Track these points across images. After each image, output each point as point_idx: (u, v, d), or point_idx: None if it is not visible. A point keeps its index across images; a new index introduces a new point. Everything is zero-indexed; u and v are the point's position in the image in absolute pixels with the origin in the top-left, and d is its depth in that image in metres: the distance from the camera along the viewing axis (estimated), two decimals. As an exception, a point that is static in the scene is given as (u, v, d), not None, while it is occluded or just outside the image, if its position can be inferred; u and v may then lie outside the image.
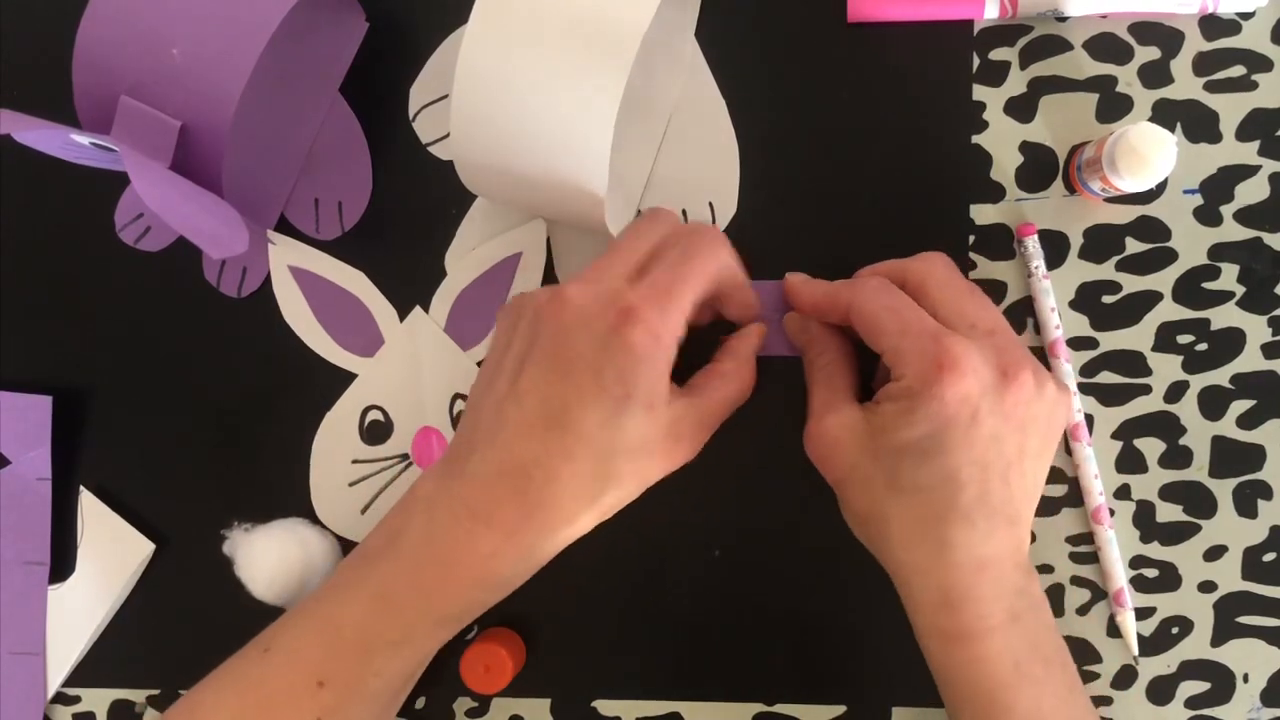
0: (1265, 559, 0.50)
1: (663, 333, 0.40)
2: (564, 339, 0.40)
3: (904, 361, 0.41)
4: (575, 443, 0.40)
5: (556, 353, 0.41)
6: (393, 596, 0.42)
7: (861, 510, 0.43)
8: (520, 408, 0.41)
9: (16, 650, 0.52)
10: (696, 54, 0.51)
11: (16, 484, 0.52)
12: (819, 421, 0.44)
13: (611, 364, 0.40)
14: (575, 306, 0.41)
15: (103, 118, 0.44)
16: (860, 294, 0.44)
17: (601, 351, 0.40)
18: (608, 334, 0.40)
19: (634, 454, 0.41)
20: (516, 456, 0.41)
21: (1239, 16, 0.49)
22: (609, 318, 0.40)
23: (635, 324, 0.40)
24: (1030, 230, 0.49)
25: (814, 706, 0.51)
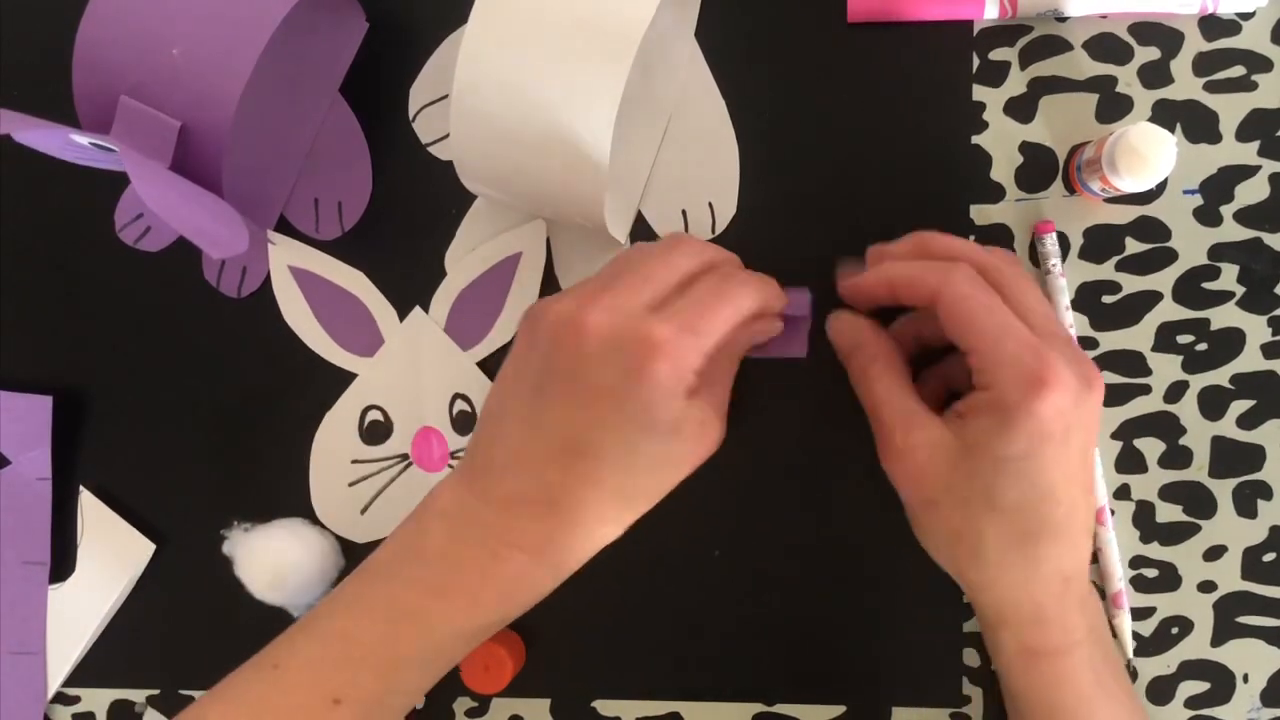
0: (1265, 559, 0.50)
1: (686, 369, 0.39)
2: (584, 369, 0.39)
3: (999, 371, 0.39)
4: (599, 468, 0.39)
5: (576, 382, 0.39)
6: (415, 614, 0.41)
7: (952, 529, 0.41)
8: (542, 436, 0.40)
9: (16, 650, 0.52)
10: (696, 54, 0.51)
11: (16, 484, 0.52)
12: (906, 438, 0.42)
13: (635, 397, 0.39)
14: (597, 337, 0.39)
15: (103, 118, 0.44)
16: (955, 284, 0.41)
17: (624, 384, 0.39)
18: (631, 368, 0.38)
19: (659, 468, 0.41)
20: (542, 484, 0.40)
21: (1239, 17, 0.49)
22: (633, 352, 0.38)
23: (661, 360, 0.38)
24: (1049, 228, 0.49)
25: (814, 706, 0.51)
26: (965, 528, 0.41)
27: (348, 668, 0.41)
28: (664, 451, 0.40)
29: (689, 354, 0.39)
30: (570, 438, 0.39)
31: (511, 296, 0.51)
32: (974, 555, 0.41)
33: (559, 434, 0.40)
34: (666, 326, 0.39)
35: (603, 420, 0.39)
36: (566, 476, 0.40)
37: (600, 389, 0.39)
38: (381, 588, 0.42)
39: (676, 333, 0.39)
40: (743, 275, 0.43)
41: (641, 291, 0.40)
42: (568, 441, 0.39)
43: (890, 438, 0.42)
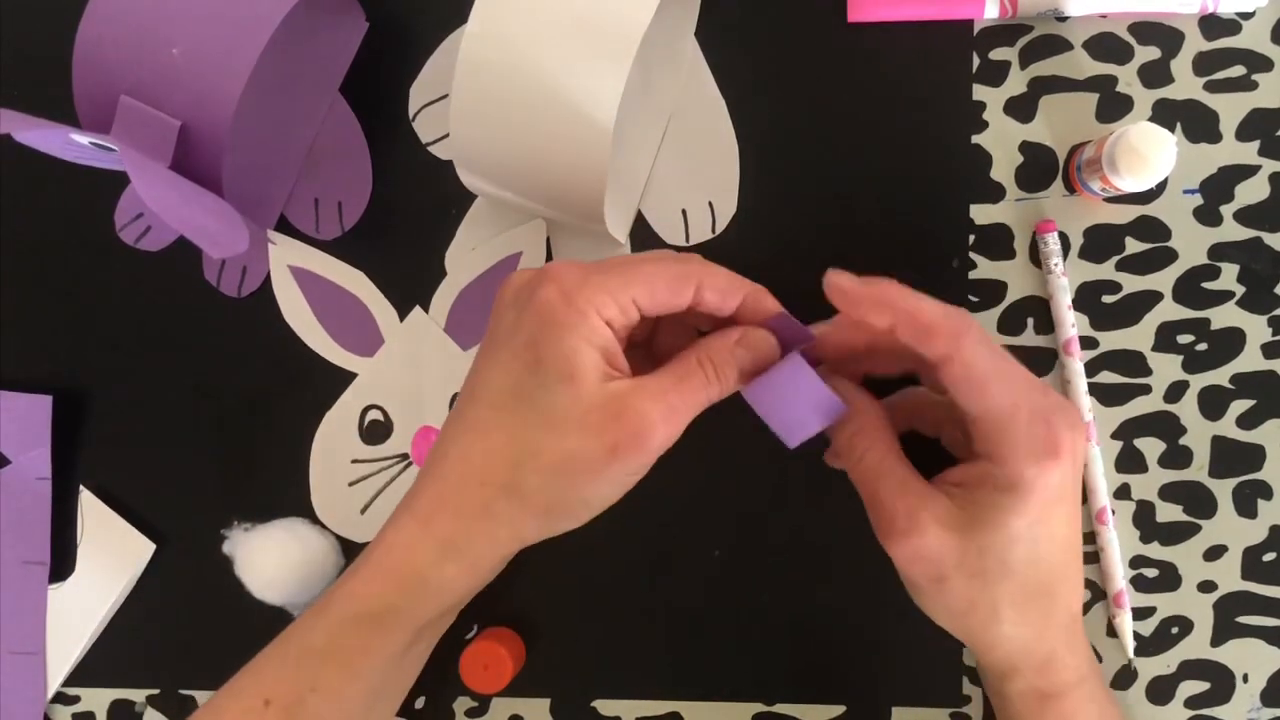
0: (1265, 559, 0.49)
1: (577, 296, 0.36)
2: (497, 317, 0.39)
3: (1011, 442, 0.37)
4: (487, 414, 0.37)
5: (490, 332, 0.39)
6: (326, 600, 0.41)
7: (966, 601, 0.39)
8: (457, 401, 0.40)
9: (16, 650, 0.52)
10: (696, 54, 0.51)
11: (16, 484, 0.52)
12: (911, 519, 0.38)
13: (523, 329, 0.37)
14: (512, 283, 0.39)
15: (103, 118, 0.44)
16: (972, 344, 0.38)
17: (517, 318, 0.38)
18: (525, 299, 0.38)
19: (556, 429, 0.36)
20: (439, 448, 0.39)
21: (1239, 16, 0.49)
22: (529, 285, 0.38)
23: (547, 283, 0.37)
24: (1050, 227, 0.49)
25: (814, 706, 0.51)
26: (979, 598, 0.39)
27: (278, 667, 0.41)
28: (560, 407, 0.36)
29: (588, 286, 0.36)
30: (468, 388, 0.39)
31: (511, 296, 0.51)
32: (989, 621, 0.39)
33: (468, 386, 0.39)
34: (571, 263, 0.38)
35: (494, 360, 0.38)
36: (459, 426, 0.39)
37: (500, 331, 0.38)
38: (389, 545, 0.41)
39: (581, 268, 0.37)
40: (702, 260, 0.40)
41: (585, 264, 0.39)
42: (466, 391, 0.39)
43: (893, 519, 0.39)
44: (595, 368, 0.36)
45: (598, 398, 0.36)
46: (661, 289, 0.38)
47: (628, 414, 0.36)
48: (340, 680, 0.40)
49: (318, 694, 0.40)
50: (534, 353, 0.36)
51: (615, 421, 0.36)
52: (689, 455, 0.50)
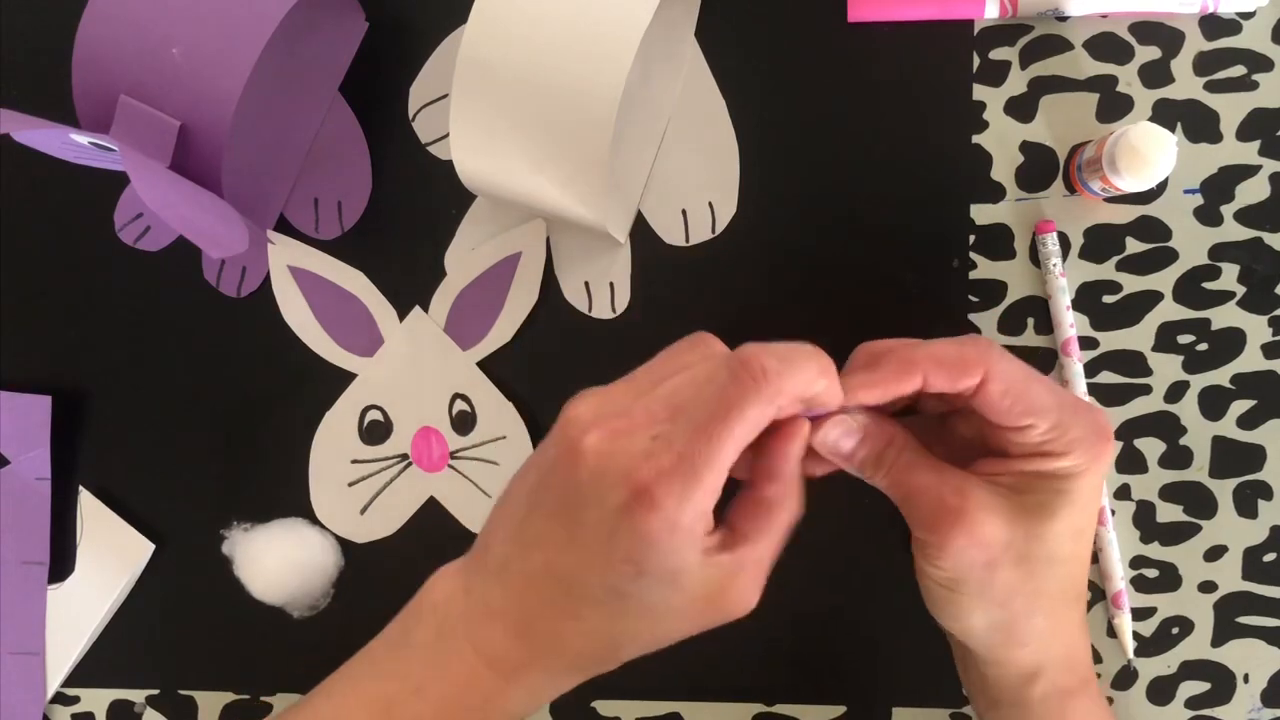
0: (1265, 559, 0.49)
1: (681, 520, 0.34)
2: (573, 499, 0.36)
3: (1069, 438, 0.37)
4: (579, 606, 0.36)
5: (565, 511, 0.36)
6: (394, 710, 0.39)
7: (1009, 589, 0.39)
8: (527, 555, 0.37)
9: (16, 650, 0.52)
10: (696, 54, 0.51)
11: (16, 484, 0.52)
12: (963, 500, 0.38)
13: (620, 544, 0.35)
14: (590, 467, 0.35)
15: (102, 117, 0.44)
16: (998, 362, 0.38)
17: (611, 527, 0.35)
18: (619, 512, 0.34)
19: (655, 617, 0.36)
20: (522, 606, 0.37)
21: (1239, 16, 0.49)
22: (621, 494, 0.34)
23: (650, 511, 0.34)
24: (1050, 227, 0.49)
25: (814, 706, 0.51)
26: (1022, 588, 0.39)
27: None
28: (661, 601, 0.36)
29: (682, 501, 0.34)
30: (554, 565, 0.36)
31: (511, 296, 0.51)
32: (1027, 614, 0.39)
33: (543, 559, 0.37)
34: (658, 465, 0.34)
35: (588, 559, 0.36)
36: (545, 607, 0.37)
37: (587, 525, 0.35)
38: (368, 674, 0.40)
39: (673, 474, 0.34)
40: (761, 361, 0.35)
41: (656, 415, 0.36)
42: (551, 568, 0.37)
43: (943, 503, 0.38)
44: (698, 564, 0.35)
45: (701, 590, 0.36)
46: (746, 438, 0.35)
47: (730, 602, 0.37)
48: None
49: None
50: (636, 568, 0.35)
51: (717, 609, 0.37)
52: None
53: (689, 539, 0.35)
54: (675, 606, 0.36)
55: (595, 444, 0.35)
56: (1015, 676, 0.41)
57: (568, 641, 0.37)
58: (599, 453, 0.35)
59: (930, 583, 0.40)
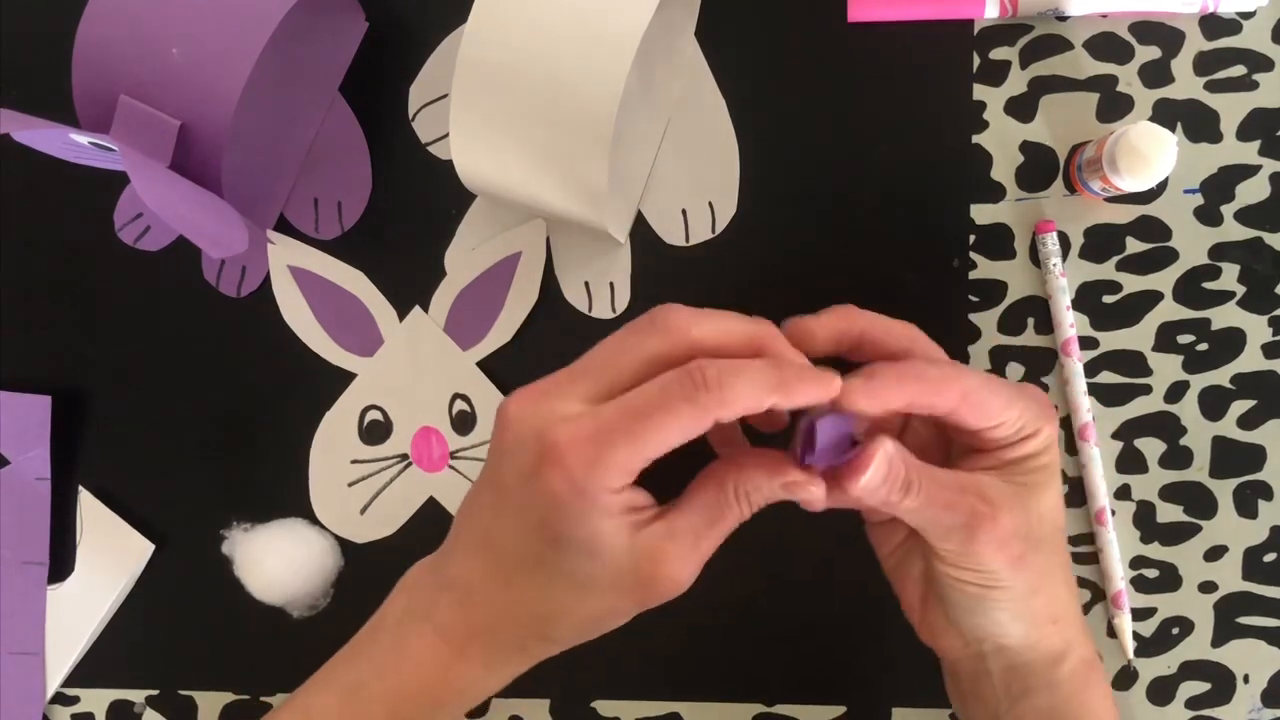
0: (1266, 559, 0.49)
1: (588, 484, 0.34)
2: (498, 463, 0.37)
3: (1031, 415, 0.39)
4: (511, 572, 0.37)
5: (492, 476, 0.37)
6: (361, 692, 0.40)
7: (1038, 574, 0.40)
8: (470, 527, 0.39)
9: (16, 650, 0.52)
10: (696, 54, 0.51)
11: (16, 484, 0.52)
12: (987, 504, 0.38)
13: (534, 505, 0.35)
14: (511, 429, 0.36)
15: (102, 117, 0.44)
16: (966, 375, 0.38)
17: (525, 489, 0.35)
18: (530, 472, 0.35)
19: (582, 590, 0.37)
20: (468, 575, 0.38)
21: (1239, 16, 0.49)
22: (533, 453, 0.35)
23: (555, 469, 0.34)
24: (1050, 227, 0.49)
25: (814, 707, 0.51)
26: (1045, 565, 0.40)
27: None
28: (582, 572, 0.36)
29: (599, 467, 0.34)
30: (489, 532, 0.38)
31: (511, 296, 0.51)
32: (1057, 589, 0.40)
33: (481, 526, 0.38)
34: (574, 428, 0.34)
35: (511, 524, 0.36)
36: (484, 576, 0.38)
37: (508, 488, 0.36)
38: (344, 661, 0.41)
39: (586, 438, 0.34)
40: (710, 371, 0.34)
41: (581, 381, 0.36)
42: (488, 536, 0.38)
43: (975, 512, 0.37)
44: (618, 533, 0.35)
45: (627, 561, 0.36)
46: (675, 437, 0.34)
47: (660, 578, 0.36)
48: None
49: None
50: (550, 532, 0.35)
51: (648, 585, 0.36)
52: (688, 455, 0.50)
53: (598, 506, 0.34)
54: (598, 579, 0.36)
55: (516, 408, 0.36)
56: (1047, 657, 0.41)
57: (503, 610, 0.38)
58: (519, 415, 0.36)
59: (959, 592, 0.40)
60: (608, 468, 0.34)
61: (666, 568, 0.36)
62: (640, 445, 0.34)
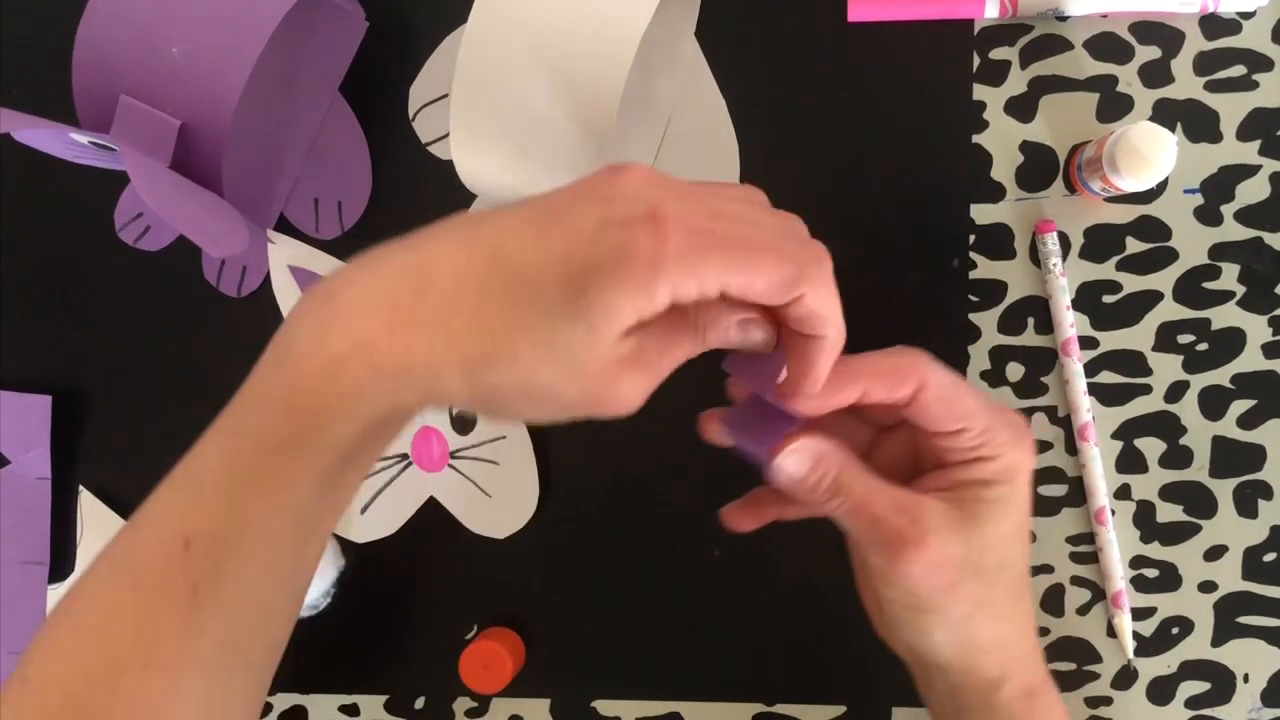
0: (1265, 559, 0.49)
1: (668, 269, 0.31)
2: (583, 191, 0.33)
3: (999, 437, 0.38)
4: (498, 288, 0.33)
5: (552, 205, 0.33)
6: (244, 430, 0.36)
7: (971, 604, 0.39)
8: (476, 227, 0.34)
9: (16, 650, 0.52)
10: (696, 54, 0.51)
11: (16, 484, 0.52)
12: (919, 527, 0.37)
13: (598, 248, 0.32)
14: (624, 178, 0.33)
15: (103, 117, 0.44)
16: (932, 369, 0.37)
17: (595, 236, 0.32)
18: (615, 224, 0.32)
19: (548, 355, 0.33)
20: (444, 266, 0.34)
21: (1239, 16, 0.49)
22: (631, 209, 0.32)
23: (651, 230, 0.31)
24: (1050, 227, 0.49)
25: (814, 706, 0.51)
26: (984, 597, 0.39)
27: (193, 499, 0.36)
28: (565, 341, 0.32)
29: (683, 264, 0.31)
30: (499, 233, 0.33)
31: (511, 296, 0.50)
32: (993, 621, 0.39)
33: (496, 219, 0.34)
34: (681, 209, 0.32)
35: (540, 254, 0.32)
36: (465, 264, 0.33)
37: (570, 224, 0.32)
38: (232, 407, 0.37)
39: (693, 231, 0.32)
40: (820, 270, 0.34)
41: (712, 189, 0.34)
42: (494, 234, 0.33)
43: (902, 532, 0.37)
44: (618, 333, 0.32)
45: (597, 363, 0.33)
46: (761, 289, 0.33)
47: (616, 394, 0.33)
48: (266, 514, 0.36)
49: (244, 529, 0.35)
50: (581, 283, 0.32)
51: (600, 391, 0.33)
52: (689, 456, 0.50)
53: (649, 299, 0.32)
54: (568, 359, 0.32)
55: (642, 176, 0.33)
56: (982, 683, 0.41)
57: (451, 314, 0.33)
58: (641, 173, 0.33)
59: (890, 606, 0.39)
60: (692, 269, 0.32)
61: (627, 385, 0.33)
62: (730, 270, 0.32)
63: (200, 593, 0.35)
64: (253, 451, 0.36)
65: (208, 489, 0.36)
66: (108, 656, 0.35)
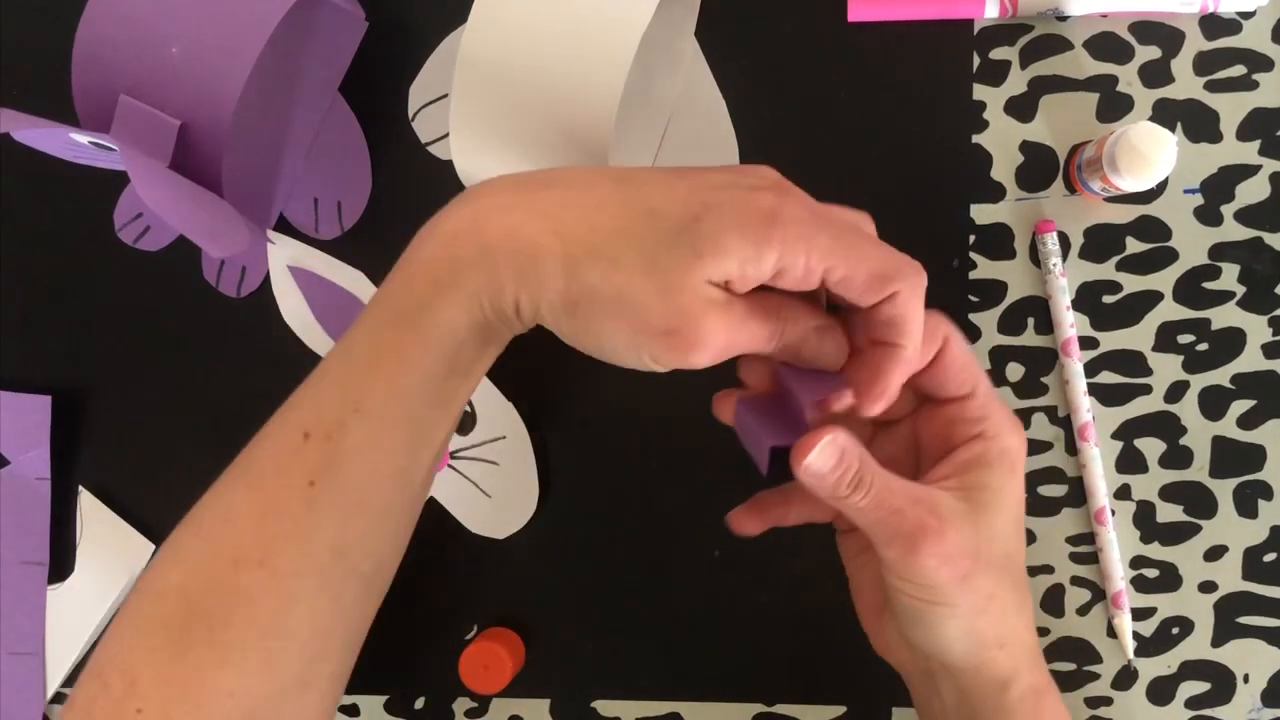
0: (1265, 559, 0.49)
1: (781, 230, 0.33)
2: (714, 167, 0.36)
3: (999, 416, 0.39)
4: (620, 199, 0.35)
5: (697, 168, 0.36)
6: (362, 315, 0.37)
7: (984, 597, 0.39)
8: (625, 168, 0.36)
9: (16, 650, 0.52)
10: (696, 54, 0.51)
11: (16, 484, 0.52)
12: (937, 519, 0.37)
13: (717, 197, 0.34)
14: (755, 166, 0.36)
15: (103, 117, 0.44)
16: (952, 327, 0.39)
17: (723, 188, 0.34)
18: (744, 187, 0.34)
19: (647, 268, 0.34)
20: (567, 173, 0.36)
21: (1239, 16, 0.49)
22: (761, 181, 0.35)
23: (780, 195, 0.34)
24: (1050, 227, 0.49)
25: (814, 706, 0.51)
26: (994, 588, 0.39)
27: (315, 392, 0.38)
28: (667, 259, 0.34)
29: (797, 230, 0.34)
30: (623, 173, 0.36)
31: (511, 296, 0.50)
32: (1005, 613, 0.39)
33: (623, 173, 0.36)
34: (804, 199, 0.35)
35: (672, 182, 0.35)
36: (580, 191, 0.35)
37: (710, 174, 0.35)
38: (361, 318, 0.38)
39: (814, 209, 0.35)
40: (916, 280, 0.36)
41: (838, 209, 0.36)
42: (624, 176, 0.35)
43: (921, 524, 0.37)
44: (718, 274, 0.34)
45: (690, 292, 0.34)
46: (861, 280, 0.35)
47: (698, 329, 0.34)
48: (380, 400, 0.36)
49: (359, 415, 0.36)
50: (700, 213, 0.34)
51: (684, 322, 0.34)
52: (689, 456, 0.50)
53: (755, 255, 0.34)
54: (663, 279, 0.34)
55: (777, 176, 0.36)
56: (993, 682, 0.40)
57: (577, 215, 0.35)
58: (766, 172, 0.36)
59: (902, 601, 0.39)
60: (804, 240, 0.34)
61: (713, 325, 0.34)
62: (833, 253, 0.34)
63: (317, 485, 0.36)
64: (366, 337, 0.37)
65: (327, 380, 0.37)
66: (227, 557, 0.36)
